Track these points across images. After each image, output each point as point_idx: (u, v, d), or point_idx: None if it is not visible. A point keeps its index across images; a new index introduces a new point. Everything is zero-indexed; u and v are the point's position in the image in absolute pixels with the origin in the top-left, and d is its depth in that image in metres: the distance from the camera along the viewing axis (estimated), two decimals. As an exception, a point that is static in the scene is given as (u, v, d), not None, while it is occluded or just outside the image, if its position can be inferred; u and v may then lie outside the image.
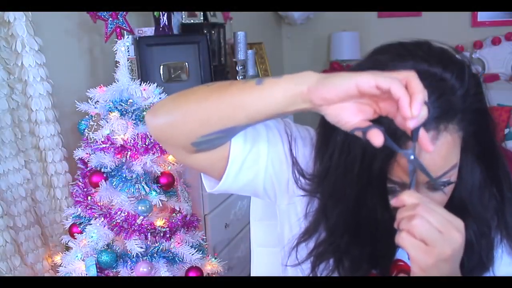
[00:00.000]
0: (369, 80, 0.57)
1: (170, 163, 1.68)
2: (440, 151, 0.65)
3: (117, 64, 1.67)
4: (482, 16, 3.53)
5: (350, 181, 0.70)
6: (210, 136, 0.69)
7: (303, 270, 0.80)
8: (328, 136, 0.73)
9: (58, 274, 1.62)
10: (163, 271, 1.59)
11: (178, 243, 1.66)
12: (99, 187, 1.57)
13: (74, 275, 1.56)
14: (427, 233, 0.58)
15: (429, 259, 0.59)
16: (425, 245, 0.59)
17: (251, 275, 1.07)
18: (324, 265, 0.77)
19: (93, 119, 1.66)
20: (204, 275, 1.70)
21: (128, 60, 1.68)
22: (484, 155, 0.73)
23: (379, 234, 0.72)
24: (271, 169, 0.79)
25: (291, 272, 0.84)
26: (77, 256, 1.56)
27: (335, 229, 0.75)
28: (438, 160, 0.66)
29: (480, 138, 0.70)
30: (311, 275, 0.78)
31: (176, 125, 0.70)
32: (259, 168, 0.78)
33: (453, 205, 0.74)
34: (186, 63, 1.98)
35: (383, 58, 0.69)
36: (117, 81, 1.66)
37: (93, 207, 1.61)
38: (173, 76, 1.97)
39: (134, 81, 1.68)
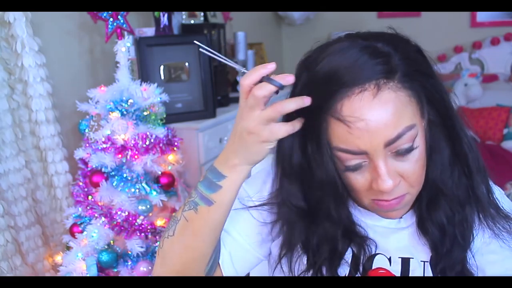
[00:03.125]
0: (250, 121, 0.67)
1: (171, 163, 1.69)
2: (387, 108, 0.66)
3: (118, 65, 1.68)
4: (481, 16, 3.54)
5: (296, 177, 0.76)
6: (210, 261, 0.78)
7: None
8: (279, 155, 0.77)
9: (59, 274, 1.62)
10: (164, 270, 1.60)
11: (178, 242, 1.66)
12: (99, 187, 1.58)
13: (74, 274, 1.57)
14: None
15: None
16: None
17: (250, 275, 1.07)
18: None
19: (94, 119, 1.66)
20: (204, 274, 1.70)
21: (128, 60, 1.69)
22: (447, 129, 0.74)
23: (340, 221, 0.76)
24: (252, 243, 0.83)
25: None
26: (77, 256, 1.57)
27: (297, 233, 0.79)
28: (387, 116, 0.66)
29: (435, 103, 0.71)
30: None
31: (186, 273, 0.77)
32: (246, 250, 0.83)
33: (427, 186, 0.75)
34: (187, 63, 1.99)
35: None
36: (118, 81, 1.66)
37: (94, 207, 1.61)
38: (173, 76, 1.98)
39: (135, 81, 1.68)
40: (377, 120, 0.66)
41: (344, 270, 0.77)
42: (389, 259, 0.78)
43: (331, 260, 0.76)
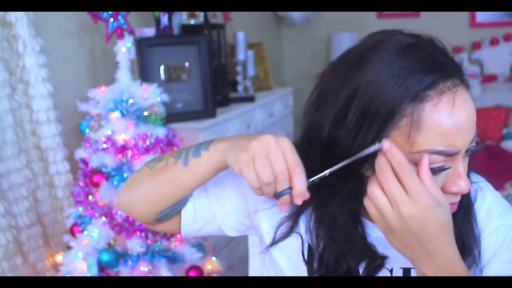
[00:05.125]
0: (239, 171, 0.67)
1: (171, 163, 1.69)
2: (473, 104, 0.66)
3: (118, 65, 1.68)
4: (481, 17, 3.54)
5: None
6: (165, 212, 0.80)
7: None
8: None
9: (59, 273, 1.63)
10: (164, 270, 1.60)
11: (179, 242, 1.67)
12: (100, 186, 1.58)
13: (75, 274, 1.57)
14: (379, 204, 0.63)
15: (380, 225, 0.64)
16: (378, 215, 0.63)
17: (249, 274, 1.08)
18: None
19: (94, 119, 1.67)
20: (205, 274, 1.71)
21: (128, 61, 1.69)
22: None
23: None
24: (223, 207, 0.83)
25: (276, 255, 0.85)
26: (78, 256, 1.57)
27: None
28: (474, 112, 0.66)
29: None
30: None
31: (135, 208, 0.82)
32: (213, 211, 0.83)
33: None
34: (187, 63, 1.99)
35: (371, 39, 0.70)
36: (118, 81, 1.67)
37: (94, 206, 1.62)
38: (173, 76, 1.98)
39: (135, 81, 1.69)
40: (471, 115, 0.65)
41: None
42: (391, 271, 0.78)
43: (336, 272, 0.76)
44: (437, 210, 0.62)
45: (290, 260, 0.82)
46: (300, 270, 0.80)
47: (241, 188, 0.83)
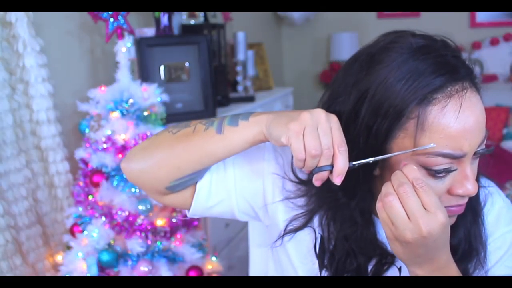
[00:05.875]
0: (287, 141, 0.65)
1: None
2: (482, 107, 0.66)
3: (118, 65, 1.68)
4: (481, 17, 3.55)
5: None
6: (182, 179, 0.77)
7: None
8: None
9: (59, 274, 1.63)
10: (164, 270, 1.60)
11: (179, 242, 1.67)
12: (100, 186, 1.58)
13: (75, 274, 1.57)
14: (394, 214, 0.62)
15: (390, 235, 0.64)
16: (391, 222, 0.62)
17: (249, 275, 1.08)
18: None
19: (94, 119, 1.67)
20: (205, 274, 1.71)
21: (128, 61, 1.69)
22: None
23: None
24: (240, 188, 0.82)
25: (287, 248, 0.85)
26: (78, 256, 1.57)
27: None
28: (483, 115, 0.66)
29: None
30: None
31: (149, 172, 0.77)
32: (229, 190, 0.81)
33: None
34: (187, 64, 1.99)
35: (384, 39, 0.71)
36: (118, 81, 1.67)
37: (94, 206, 1.62)
38: (173, 76, 1.98)
39: (135, 81, 1.69)
40: (479, 119, 0.65)
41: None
42: (399, 269, 0.78)
43: (346, 271, 0.76)
44: (449, 224, 0.63)
45: (301, 251, 0.82)
46: (309, 261, 0.80)
47: (261, 175, 0.82)
